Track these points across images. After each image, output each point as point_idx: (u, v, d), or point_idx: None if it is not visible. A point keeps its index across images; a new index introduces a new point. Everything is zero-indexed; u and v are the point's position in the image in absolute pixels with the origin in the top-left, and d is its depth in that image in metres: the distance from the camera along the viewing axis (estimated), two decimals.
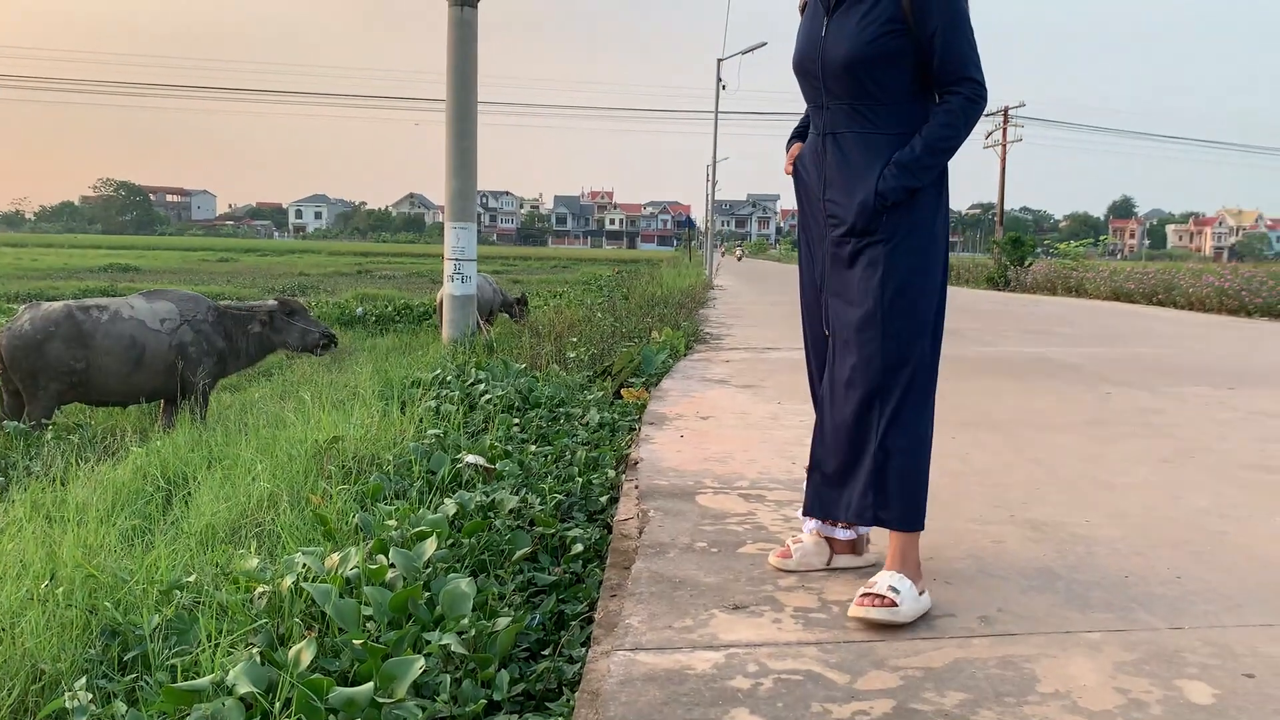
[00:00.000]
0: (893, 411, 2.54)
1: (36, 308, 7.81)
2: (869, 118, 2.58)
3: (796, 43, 2.73)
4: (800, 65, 2.70)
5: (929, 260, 2.59)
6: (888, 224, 2.56)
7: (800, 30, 2.73)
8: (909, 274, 2.56)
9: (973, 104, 2.54)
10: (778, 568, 2.84)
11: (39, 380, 7.52)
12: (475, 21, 9.89)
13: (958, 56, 2.51)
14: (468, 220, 10.02)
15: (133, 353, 7.74)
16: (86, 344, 7.59)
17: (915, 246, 2.57)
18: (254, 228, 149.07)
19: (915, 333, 2.56)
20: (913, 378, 2.55)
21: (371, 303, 21.98)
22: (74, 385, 7.66)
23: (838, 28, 2.58)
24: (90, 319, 7.70)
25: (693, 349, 8.77)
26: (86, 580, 2.93)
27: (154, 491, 4.53)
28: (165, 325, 7.98)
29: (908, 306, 2.55)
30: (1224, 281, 17.52)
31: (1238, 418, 5.60)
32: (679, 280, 21.84)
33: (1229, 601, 2.67)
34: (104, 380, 7.71)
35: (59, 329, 7.54)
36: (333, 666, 2.26)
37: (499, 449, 4.35)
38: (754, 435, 4.84)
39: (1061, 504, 3.64)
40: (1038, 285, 24.58)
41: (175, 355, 7.95)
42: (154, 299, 8.20)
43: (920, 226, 2.58)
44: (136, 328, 7.83)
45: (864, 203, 2.55)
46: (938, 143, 2.53)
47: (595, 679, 2.16)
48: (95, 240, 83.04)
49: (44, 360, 7.49)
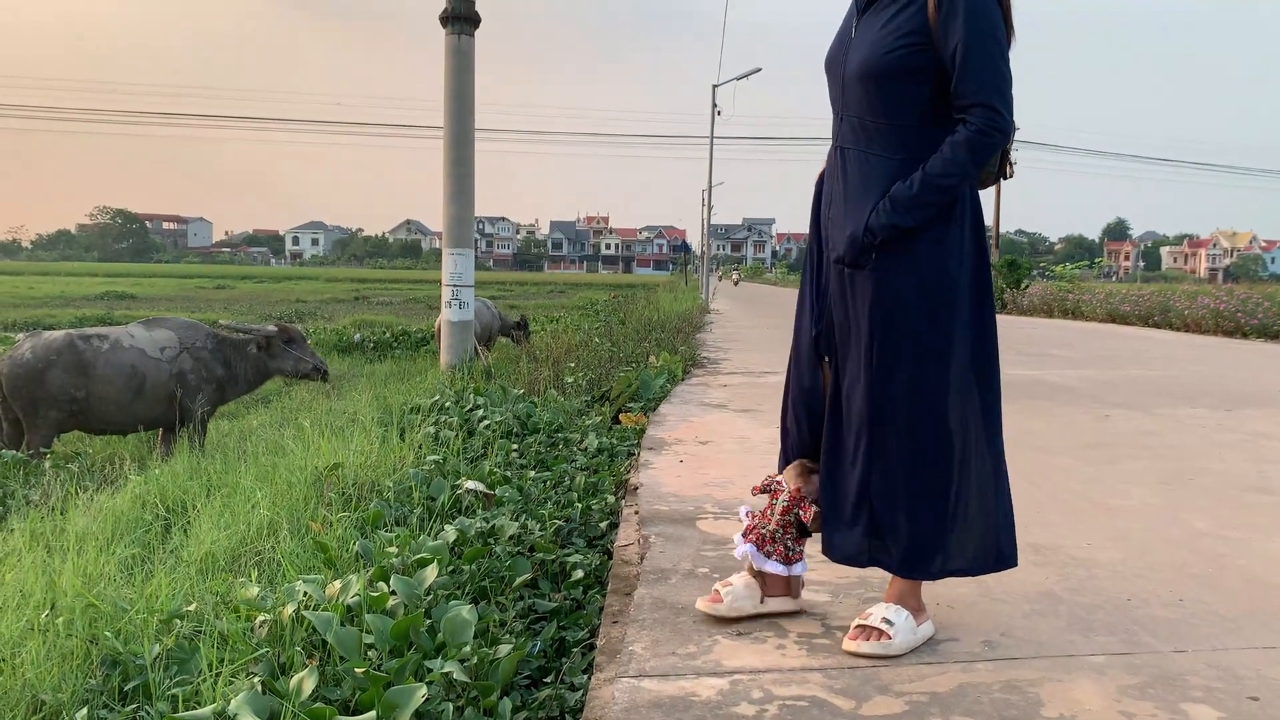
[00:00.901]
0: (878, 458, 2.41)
1: (37, 336, 7.85)
2: (874, 137, 2.40)
3: (832, 40, 2.57)
4: (828, 65, 2.54)
5: (938, 300, 2.37)
6: (880, 260, 2.37)
7: (840, 28, 2.56)
8: (904, 315, 2.36)
9: (984, 136, 2.27)
10: (708, 614, 2.63)
11: (39, 409, 7.53)
12: (472, 50, 9.96)
13: (977, 77, 2.26)
14: (465, 246, 10.06)
15: (133, 382, 7.77)
16: (87, 373, 7.62)
17: (919, 282, 2.36)
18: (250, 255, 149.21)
19: (916, 381, 2.38)
20: (912, 426, 2.38)
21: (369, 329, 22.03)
22: (74, 414, 7.68)
23: (863, 31, 2.41)
24: (91, 348, 7.73)
25: (690, 373, 8.78)
26: (86, 610, 2.92)
27: (153, 520, 4.52)
28: (165, 354, 8.01)
29: (902, 351, 2.37)
30: (1220, 303, 17.57)
31: (1236, 439, 5.61)
32: (675, 305, 21.87)
33: (1231, 624, 2.67)
34: (104, 409, 7.73)
35: (60, 358, 7.57)
36: (334, 695, 2.25)
37: (498, 475, 4.35)
38: (754, 460, 4.84)
39: (1061, 526, 3.64)
40: (1034, 308, 24.63)
41: (175, 383, 7.97)
42: (153, 327, 8.23)
43: (921, 263, 2.36)
44: (137, 356, 7.86)
45: (852, 235, 2.39)
46: (940, 179, 2.29)
47: (599, 706, 2.15)
48: (92, 268, 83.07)
49: (44, 389, 7.51)
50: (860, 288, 2.43)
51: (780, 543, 2.59)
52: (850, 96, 2.44)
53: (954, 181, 2.31)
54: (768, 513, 2.64)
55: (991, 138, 2.29)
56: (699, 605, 2.67)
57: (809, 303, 2.62)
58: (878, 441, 2.43)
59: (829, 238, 2.52)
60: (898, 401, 2.40)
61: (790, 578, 2.67)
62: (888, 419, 2.41)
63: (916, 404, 2.39)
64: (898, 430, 2.40)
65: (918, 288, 2.37)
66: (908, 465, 2.41)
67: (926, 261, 2.37)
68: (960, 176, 2.31)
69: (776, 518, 2.60)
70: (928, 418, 2.39)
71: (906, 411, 2.40)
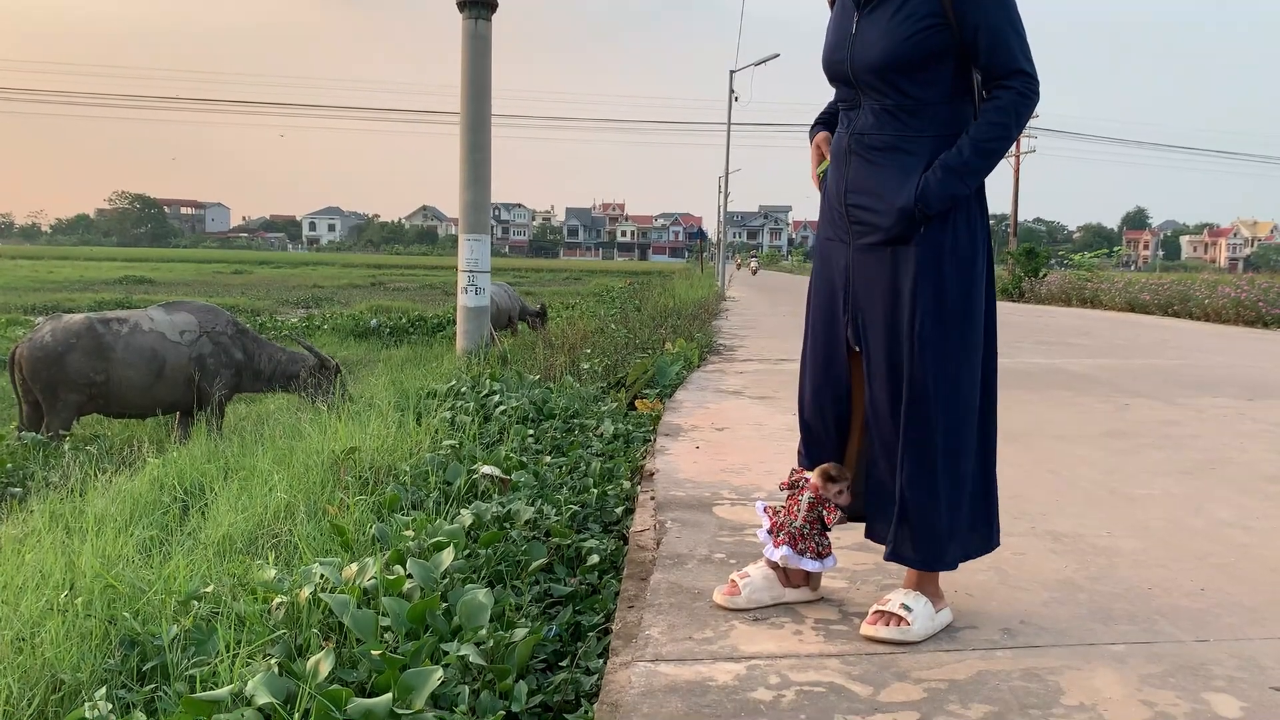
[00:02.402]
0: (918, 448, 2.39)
1: (57, 320, 7.90)
2: (905, 120, 2.39)
3: (825, 40, 2.56)
4: (829, 65, 2.53)
5: (972, 279, 2.41)
6: (926, 236, 2.37)
7: (829, 27, 2.56)
8: (949, 294, 2.38)
9: (1024, 99, 2.34)
10: (724, 606, 2.61)
11: (59, 392, 7.59)
12: (489, 34, 9.93)
13: (1006, 48, 2.32)
14: (481, 232, 10.04)
15: (154, 365, 7.83)
16: (107, 356, 7.67)
17: (959, 261, 2.39)
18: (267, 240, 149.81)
19: (958, 363, 2.39)
20: (952, 411, 2.39)
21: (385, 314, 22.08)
22: (93, 397, 7.74)
23: (870, 24, 2.40)
24: (111, 331, 7.78)
25: (706, 360, 8.76)
26: (105, 590, 2.93)
27: (171, 502, 4.54)
28: (185, 337, 8.07)
29: (947, 333, 2.37)
30: (1241, 292, 17.43)
31: (1258, 429, 5.55)
32: (691, 292, 21.84)
33: (1254, 614, 2.64)
34: (124, 392, 7.79)
35: (79, 341, 7.62)
36: (351, 677, 2.25)
37: (514, 460, 4.34)
38: (770, 446, 4.82)
39: (1082, 515, 3.62)
40: (1052, 296, 24.49)
41: (194, 367, 8.02)
42: (173, 311, 8.28)
43: (962, 240, 2.40)
44: (157, 340, 7.91)
45: (904, 209, 2.35)
46: (987, 143, 2.34)
47: (615, 690, 2.14)
48: (110, 253, 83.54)
49: (64, 372, 7.56)
50: (901, 270, 2.40)
51: (810, 539, 2.57)
52: (868, 87, 2.42)
53: (1002, 145, 2.38)
54: (794, 509, 2.60)
55: (1031, 99, 2.37)
56: (715, 598, 2.65)
57: (836, 294, 2.55)
58: (916, 428, 2.39)
59: (859, 223, 2.47)
60: (941, 383, 2.38)
61: (818, 573, 2.66)
62: (930, 404, 2.38)
63: (957, 386, 2.40)
64: (939, 414, 2.38)
65: (958, 266, 2.40)
66: (946, 451, 2.40)
67: (966, 241, 2.42)
68: (1007, 139, 2.38)
69: (803, 513, 2.57)
70: (966, 401, 2.42)
71: (948, 394, 2.39)
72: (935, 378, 2.38)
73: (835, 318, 2.56)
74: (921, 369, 2.38)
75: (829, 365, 2.58)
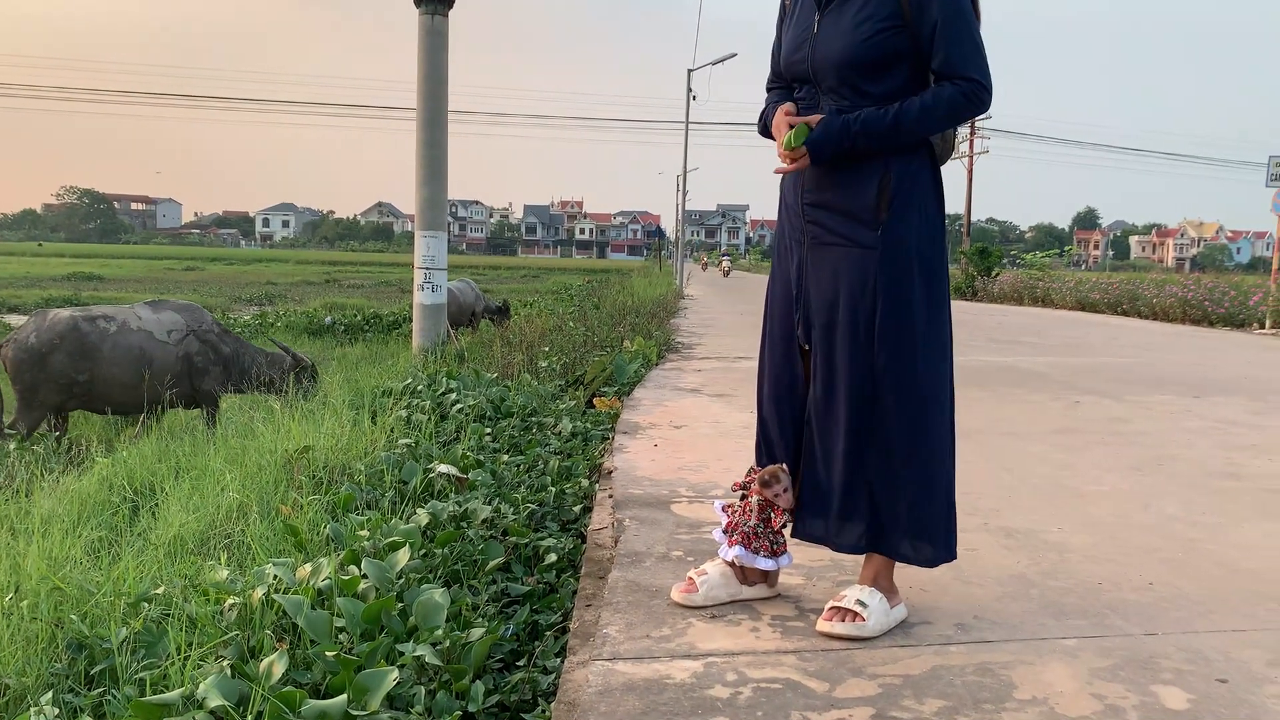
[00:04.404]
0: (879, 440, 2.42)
1: (43, 317, 7.86)
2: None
3: (784, 42, 2.57)
4: (789, 65, 2.53)
5: (932, 273, 2.43)
6: (885, 236, 2.39)
7: (788, 28, 2.57)
8: (911, 290, 2.40)
9: (967, 101, 2.34)
10: (682, 604, 2.61)
11: (38, 391, 7.62)
12: (446, 30, 9.87)
13: (958, 54, 2.33)
14: (438, 229, 9.98)
15: (140, 365, 7.90)
16: (91, 357, 7.69)
17: (919, 258, 2.41)
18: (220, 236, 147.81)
19: (907, 358, 2.40)
20: (903, 405, 2.40)
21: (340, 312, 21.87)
22: (75, 396, 7.78)
23: (831, 24, 2.41)
24: (97, 330, 7.78)
25: (665, 358, 8.77)
26: (52, 593, 2.87)
27: (120, 503, 4.47)
28: (172, 336, 8.15)
29: (897, 329, 2.39)
30: (1187, 292, 17.78)
31: (1204, 426, 5.66)
32: (650, 290, 21.85)
33: (1201, 608, 2.69)
34: (108, 391, 7.83)
35: (64, 342, 7.63)
36: (305, 679, 2.23)
37: (471, 458, 4.32)
38: (728, 444, 4.84)
39: (1033, 512, 3.67)
40: (1005, 295, 24.82)
41: (182, 365, 8.07)
42: (160, 309, 8.35)
43: (923, 238, 2.42)
44: (145, 339, 7.95)
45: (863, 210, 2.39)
46: (911, 122, 2.34)
47: (573, 689, 2.14)
48: (59, 248, 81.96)
49: (46, 372, 7.58)
50: (858, 269, 2.41)
51: (765, 538, 2.58)
52: (827, 85, 2.44)
53: (920, 129, 2.37)
54: (747, 509, 2.61)
55: (973, 103, 2.36)
56: (673, 595, 2.65)
57: (791, 293, 2.57)
58: (878, 424, 2.41)
59: (814, 222, 2.49)
60: (901, 377, 2.40)
61: (774, 571, 2.66)
62: (890, 397, 2.40)
63: (917, 380, 2.41)
64: (900, 407, 2.40)
65: (920, 263, 2.42)
66: (909, 446, 2.42)
67: (926, 239, 2.43)
68: (930, 125, 2.37)
69: (756, 513, 2.59)
70: (928, 392, 2.43)
71: (909, 386, 2.41)
72: (897, 375, 2.39)
73: (790, 316, 2.58)
74: (883, 367, 2.39)
75: (785, 364, 2.60)
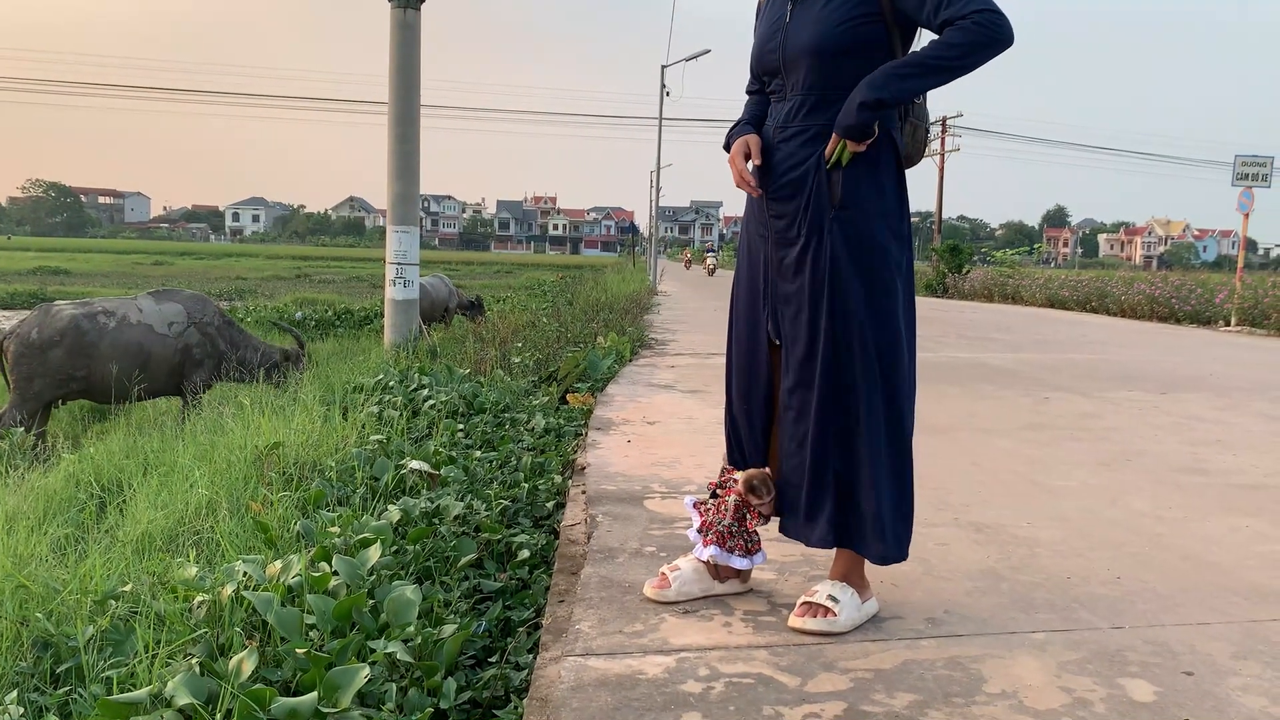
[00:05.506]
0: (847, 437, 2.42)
1: (46, 312, 8.06)
2: (832, 110, 2.37)
3: (756, 34, 2.55)
4: (760, 55, 2.52)
5: (895, 266, 2.42)
6: (846, 229, 2.37)
7: (761, 20, 2.56)
8: (875, 278, 2.39)
9: (983, 29, 2.17)
10: (655, 599, 2.60)
11: (34, 383, 7.71)
12: (418, 24, 9.81)
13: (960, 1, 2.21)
14: (410, 224, 9.93)
15: (138, 359, 8.04)
16: (90, 353, 7.84)
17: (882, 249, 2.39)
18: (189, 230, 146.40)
19: (872, 355, 2.39)
20: (870, 401, 2.39)
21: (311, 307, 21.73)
22: (73, 390, 7.88)
23: (803, 11, 2.40)
24: (97, 327, 7.89)
25: (638, 354, 8.76)
26: (17, 591, 2.84)
27: (87, 499, 4.42)
28: (173, 329, 8.26)
29: (861, 325, 2.38)
30: (1155, 289, 17.99)
31: (1171, 422, 5.73)
32: (623, 286, 21.82)
33: (1167, 601, 2.73)
34: (106, 384, 7.92)
35: (64, 339, 7.74)
36: (275, 676, 2.21)
37: (443, 455, 4.30)
38: (701, 440, 4.84)
39: (1003, 507, 3.70)
40: (975, 292, 25.01)
41: (180, 357, 8.22)
42: (163, 300, 8.50)
43: (874, 228, 2.39)
44: (144, 333, 8.09)
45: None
46: (930, 59, 2.24)
47: (545, 685, 2.14)
48: (24, 242, 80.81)
49: (44, 366, 7.71)
50: (822, 257, 2.39)
51: (739, 537, 2.58)
52: (799, 76, 2.42)
53: (948, 63, 2.24)
54: (722, 508, 2.61)
55: (990, 30, 2.19)
56: (646, 591, 2.65)
57: (758, 288, 2.57)
58: (849, 416, 2.41)
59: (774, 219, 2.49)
60: (869, 367, 2.40)
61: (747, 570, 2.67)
62: (862, 386, 2.40)
63: (885, 372, 2.41)
64: (870, 399, 2.40)
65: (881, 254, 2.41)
66: (878, 440, 2.42)
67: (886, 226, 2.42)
68: (956, 62, 2.23)
69: (730, 513, 2.59)
70: (897, 384, 2.44)
71: (878, 376, 2.41)
72: (864, 366, 2.40)
73: (757, 312, 2.58)
74: (854, 356, 2.39)
75: (752, 360, 2.60)
